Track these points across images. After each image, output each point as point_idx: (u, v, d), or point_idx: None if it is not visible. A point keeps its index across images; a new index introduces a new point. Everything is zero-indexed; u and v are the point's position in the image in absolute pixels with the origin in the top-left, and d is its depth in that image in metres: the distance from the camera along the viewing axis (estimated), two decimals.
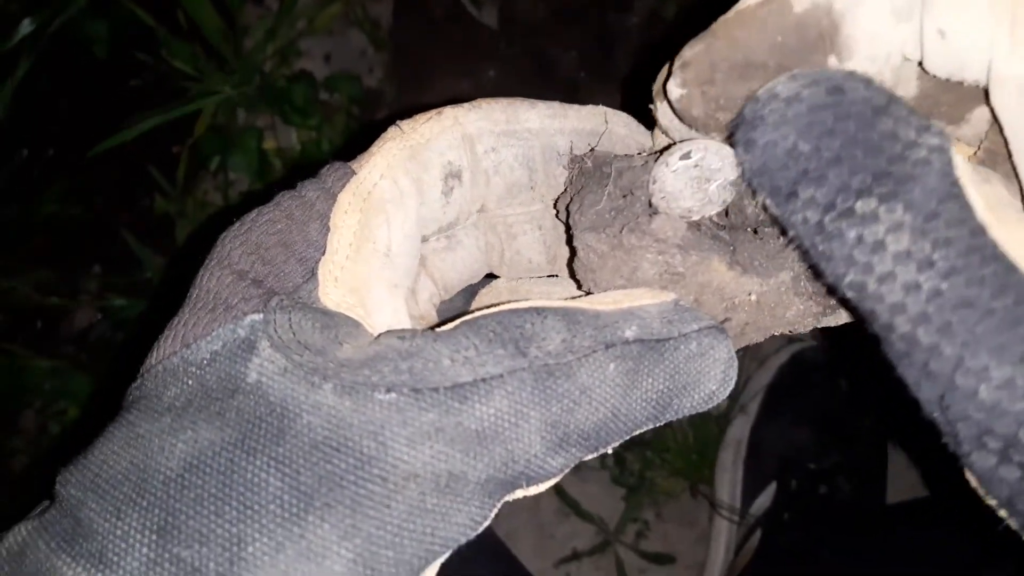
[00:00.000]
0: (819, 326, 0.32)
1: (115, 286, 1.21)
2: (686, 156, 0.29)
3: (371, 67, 1.33)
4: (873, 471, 1.32)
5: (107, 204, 1.22)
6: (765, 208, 0.31)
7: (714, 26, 0.28)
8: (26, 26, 1.11)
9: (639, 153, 0.33)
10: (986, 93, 0.26)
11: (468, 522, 0.27)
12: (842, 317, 0.32)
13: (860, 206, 0.24)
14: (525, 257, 0.37)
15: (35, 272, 1.20)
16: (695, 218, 0.30)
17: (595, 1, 1.40)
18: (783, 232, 0.28)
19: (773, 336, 0.33)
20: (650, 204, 0.31)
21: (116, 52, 1.21)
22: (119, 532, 0.25)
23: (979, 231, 0.23)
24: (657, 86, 0.32)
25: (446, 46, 1.36)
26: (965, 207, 0.23)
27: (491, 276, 0.38)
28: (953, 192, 0.23)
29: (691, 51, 0.29)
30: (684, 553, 1.33)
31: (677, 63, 0.29)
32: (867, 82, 0.26)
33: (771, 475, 1.26)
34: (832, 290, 0.26)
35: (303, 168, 1.25)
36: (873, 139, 0.24)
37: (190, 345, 0.28)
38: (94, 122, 1.20)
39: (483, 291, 0.38)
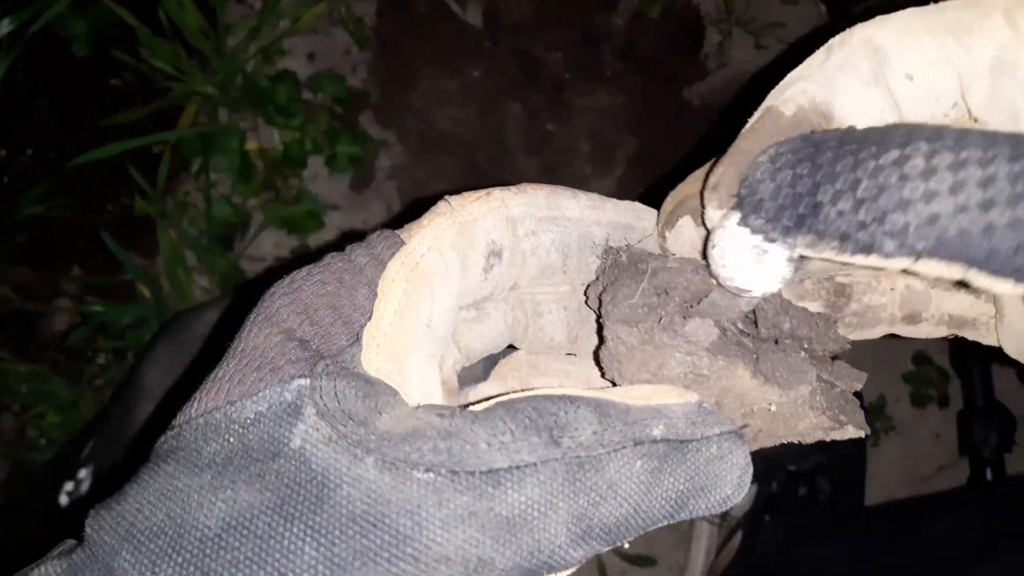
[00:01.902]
0: (826, 439, 0.34)
1: (94, 288, 1.21)
2: (741, 224, 0.30)
3: (355, 66, 1.34)
4: (852, 473, 1.35)
5: (87, 205, 1.22)
6: (791, 318, 0.34)
7: (730, 149, 0.31)
8: (5, 25, 1.10)
9: (672, 255, 0.35)
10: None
11: None
12: (848, 433, 0.34)
13: (896, 157, 0.25)
14: (547, 335, 0.38)
15: (14, 273, 1.20)
16: (756, 295, 0.31)
17: (580, 1, 1.42)
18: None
19: None
20: (689, 306, 0.32)
21: (96, 51, 1.20)
22: None
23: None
24: (665, 216, 0.35)
25: (431, 45, 1.36)
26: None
27: (511, 348, 0.40)
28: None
29: (716, 175, 0.31)
30: (665, 555, 1.36)
31: (708, 189, 0.31)
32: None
33: (752, 477, 1.27)
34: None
35: (281, 167, 1.26)
36: (860, 135, 0.27)
37: (235, 403, 0.28)
38: (74, 122, 1.20)
39: (503, 361, 0.39)
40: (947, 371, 1.51)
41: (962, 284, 0.26)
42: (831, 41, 0.31)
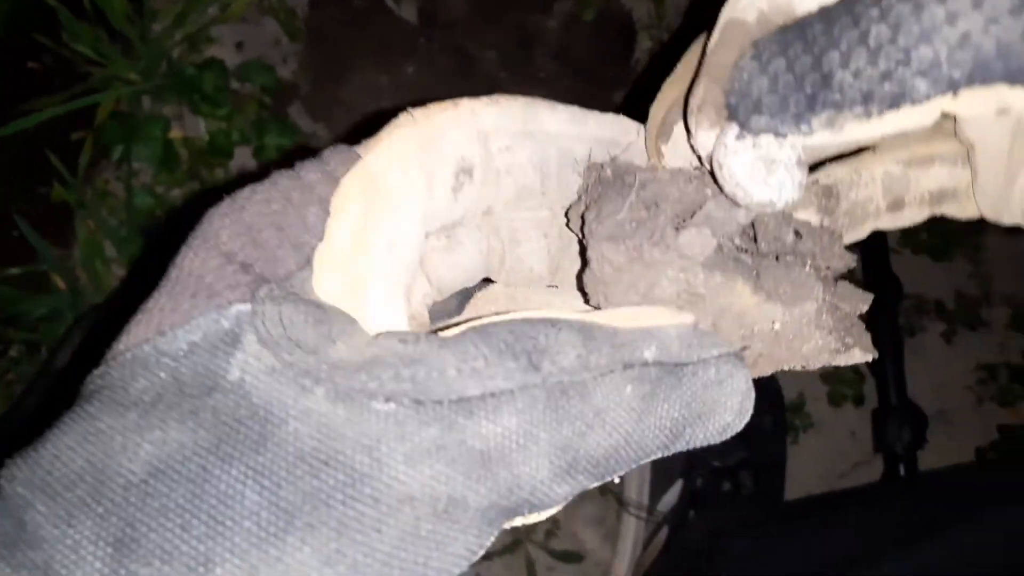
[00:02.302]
0: (831, 364, 0.31)
1: (8, 278, 1.16)
2: (740, 137, 0.27)
3: (285, 57, 1.30)
4: (774, 469, 1.39)
5: (1, 191, 1.17)
6: (798, 234, 0.31)
7: (703, 67, 0.29)
8: None
9: (660, 161, 0.32)
10: None
11: (464, 552, 0.25)
12: (855, 356, 0.31)
13: None
14: (527, 265, 0.35)
15: None
16: (777, 208, 0.28)
17: (514, 2, 1.42)
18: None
19: None
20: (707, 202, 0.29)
21: (14, 32, 1.15)
22: (69, 542, 0.22)
23: None
24: (656, 128, 0.32)
25: (364, 40, 1.34)
26: None
27: (487, 280, 0.36)
28: None
29: (697, 95, 0.29)
30: (593, 551, 1.36)
31: (692, 112, 0.29)
32: None
33: (677, 473, 1.31)
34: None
35: (207, 157, 1.24)
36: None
37: (165, 333, 0.25)
38: None
39: (479, 295, 0.36)
40: (863, 371, 1.57)
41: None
42: None
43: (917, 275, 1.62)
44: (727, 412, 0.28)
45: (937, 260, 1.65)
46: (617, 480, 0.29)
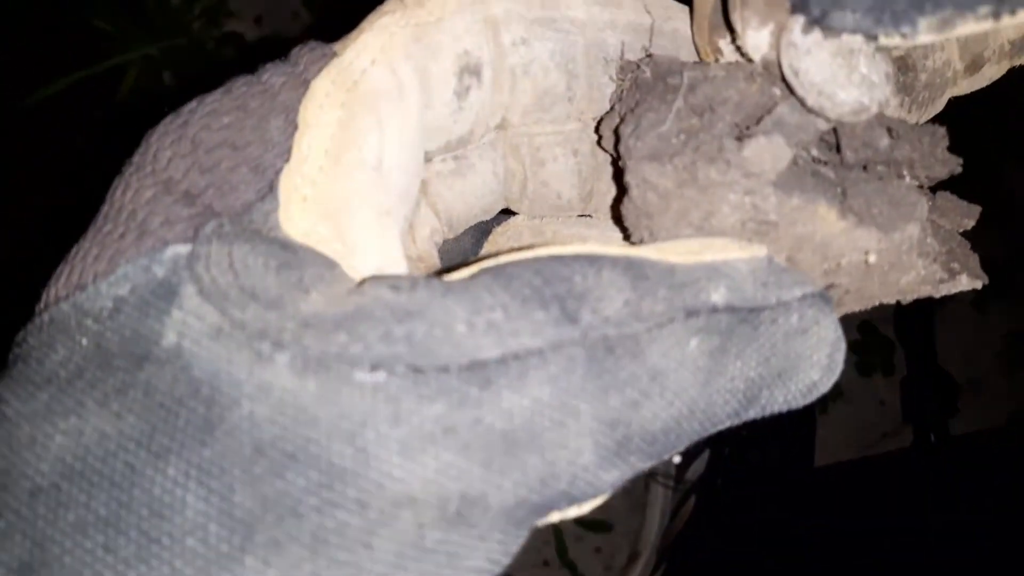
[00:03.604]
0: (935, 295, 0.25)
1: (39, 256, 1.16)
2: (809, 31, 0.21)
3: (305, 30, 1.30)
4: (802, 437, 1.38)
5: (29, 169, 1.17)
6: (892, 136, 0.24)
7: None
8: None
9: (716, 61, 0.25)
10: None
11: (486, 565, 0.19)
12: (961, 284, 0.25)
13: None
14: (553, 190, 0.28)
15: None
16: (872, 113, 0.22)
17: None
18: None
19: None
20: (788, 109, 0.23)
21: (39, 11, 1.16)
22: None
23: None
24: (708, 14, 0.26)
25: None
26: None
27: (507, 212, 0.30)
28: None
29: None
30: (621, 520, 1.35)
31: (736, 7, 0.23)
32: None
33: (705, 442, 1.31)
34: None
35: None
36: None
37: (86, 287, 0.19)
38: (15, 82, 1.15)
39: (498, 229, 0.30)
40: (891, 340, 1.55)
41: None
42: None
43: None
44: (813, 368, 0.22)
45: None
46: (678, 459, 0.21)
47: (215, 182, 0.21)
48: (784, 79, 0.23)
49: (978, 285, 0.25)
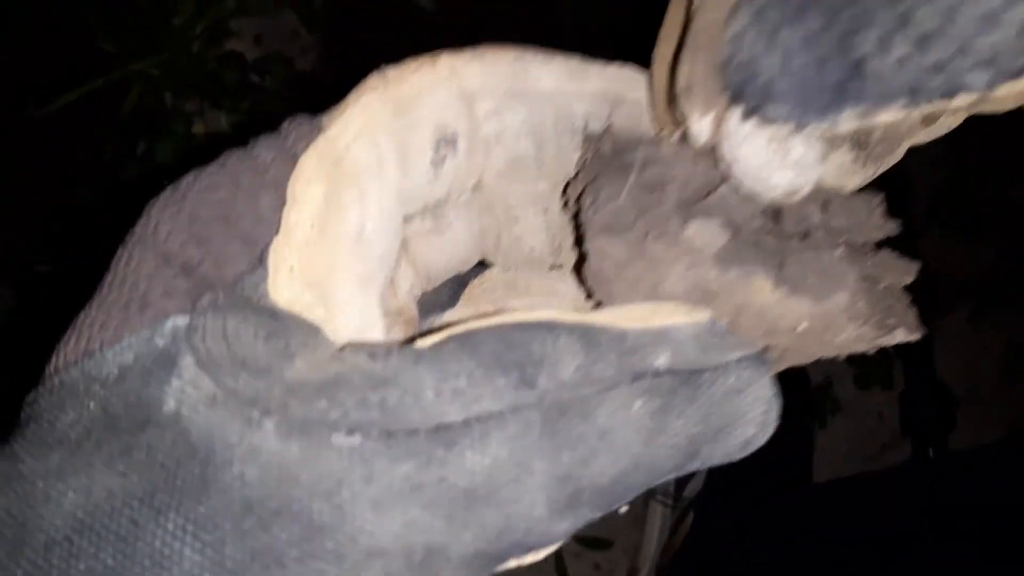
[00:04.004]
0: (870, 350, 0.27)
1: (39, 273, 1.17)
2: (749, 115, 0.23)
3: (304, 49, 1.31)
4: (800, 452, 1.39)
5: (29, 187, 1.18)
6: (824, 207, 0.26)
7: (689, 35, 0.25)
8: None
9: (671, 137, 0.27)
10: None
11: None
12: (898, 338, 0.27)
13: None
14: (526, 245, 0.30)
15: None
16: (805, 193, 0.25)
17: None
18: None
19: None
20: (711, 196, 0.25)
21: (42, 29, 1.17)
22: None
23: None
24: (663, 91, 0.27)
25: (382, 29, 1.34)
26: None
27: (483, 264, 0.32)
28: None
29: (683, 75, 0.25)
30: (620, 537, 1.35)
31: (680, 96, 0.25)
32: None
33: None
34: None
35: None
36: None
37: (94, 355, 0.21)
38: (17, 101, 1.16)
39: (474, 282, 0.32)
40: (890, 353, 1.56)
41: None
42: None
43: (944, 254, 1.61)
44: (750, 424, 0.24)
45: (964, 239, 1.63)
46: (624, 510, 0.24)
47: (210, 255, 0.23)
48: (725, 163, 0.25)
49: (914, 338, 0.27)
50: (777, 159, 0.23)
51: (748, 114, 0.23)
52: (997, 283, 1.64)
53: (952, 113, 0.31)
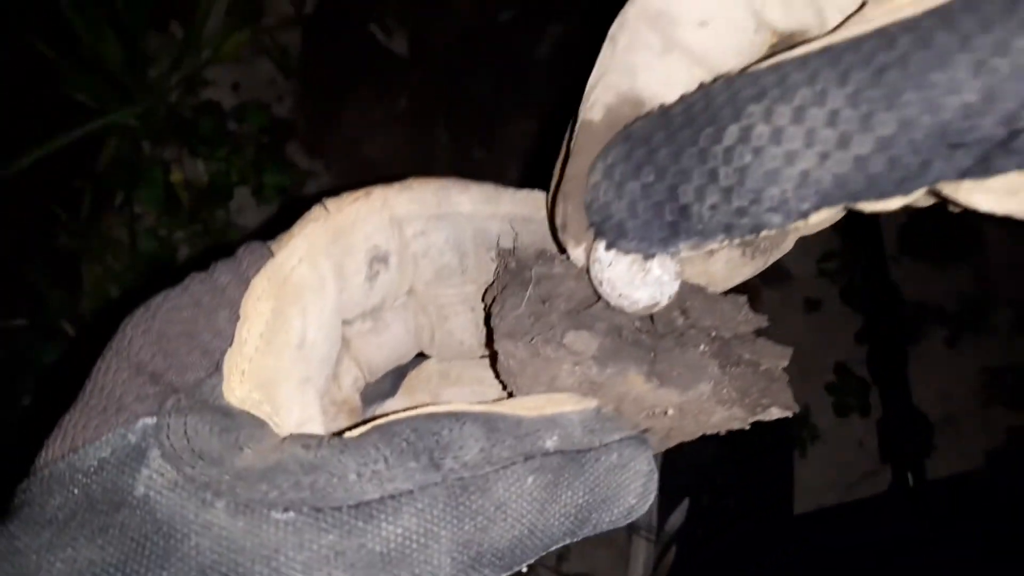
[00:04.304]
0: (745, 427, 0.32)
1: (18, 327, 1.18)
2: (610, 247, 0.28)
3: (280, 96, 1.32)
4: (780, 483, 1.40)
5: (7, 241, 1.19)
6: (684, 312, 0.31)
7: (561, 181, 0.30)
8: None
9: (562, 255, 0.32)
10: None
11: None
12: (773, 415, 0.31)
13: (737, 133, 0.24)
14: (457, 339, 0.35)
15: None
16: (663, 305, 0.29)
17: (505, 30, 1.44)
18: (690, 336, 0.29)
19: None
20: (581, 310, 0.30)
21: (14, 85, 1.18)
22: None
23: None
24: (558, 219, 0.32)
25: (357, 75, 1.36)
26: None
27: (421, 356, 0.36)
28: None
29: (559, 215, 0.30)
30: (604, 573, 1.37)
31: (559, 232, 0.30)
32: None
33: (684, 492, 1.32)
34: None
35: (207, 198, 1.26)
36: (682, 117, 0.25)
37: (78, 450, 0.26)
38: None
39: (412, 374, 0.36)
40: (867, 380, 1.57)
41: None
42: (610, 31, 0.29)
43: (918, 282, 1.63)
44: (630, 495, 0.28)
45: (937, 266, 1.66)
46: (525, 569, 0.27)
47: (175, 364, 0.27)
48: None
49: (789, 414, 0.32)
50: (638, 279, 0.28)
51: (608, 247, 0.28)
52: (971, 309, 1.66)
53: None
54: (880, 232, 1.49)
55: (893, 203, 0.24)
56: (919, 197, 0.24)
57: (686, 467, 1.33)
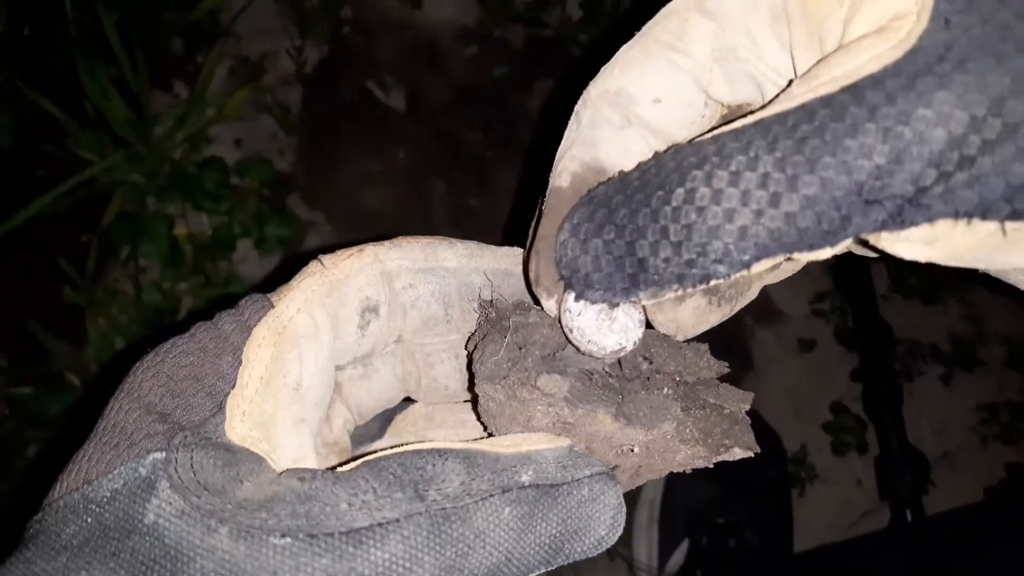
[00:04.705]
0: (713, 464, 0.34)
1: (21, 379, 1.20)
2: (578, 298, 0.30)
3: (282, 150, 1.36)
4: (780, 523, 1.40)
5: (13, 295, 1.22)
6: (649, 359, 0.34)
7: (534, 241, 0.33)
8: None
9: (537, 307, 0.35)
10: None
11: None
12: (736, 455, 0.34)
13: (683, 194, 0.26)
14: (442, 384, 0.38)
15: None
16: (628, 350, 0.32)
17: (497, 85, 1.48)
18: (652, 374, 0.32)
19: None
20: (553, 356, 0.32)
21: (21, 143, 1.21)
22: None
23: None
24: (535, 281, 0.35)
25: (356, 129, 1.40)
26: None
27: (409, 400, 0.39)
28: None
29: (532, 270, 0.33)
30: None
31: (533, 285, 0.33)
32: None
33: (683, 532, 1.32)
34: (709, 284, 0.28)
35: (210, 251, 1.29)
36: (638, 182, 0.28)
37: (92, 482, 0.28)
38: None
39: (399, 417, 0.39)
40: (863, 418, 1.58)
41: None
42: (575, 108, 0.33)
43: (910, 320, 1.64)
44: (600, 527, 0.30)
45: (928, 304, 1.67)
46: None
47: (182, 405, 0.30)
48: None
49: (750, 454, 0.34)
50: (605, 327, 0.31)
51: (577, 298, 0.30)
52: (965, 346, 1.67)
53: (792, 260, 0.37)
54: (869, 272, 1.51)
55: (823, 253, 0.26)
56: (847, 247, 0.27)
57: (686, 508, 1.34)
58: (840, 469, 1.57)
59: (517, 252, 0.37)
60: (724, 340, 1.51)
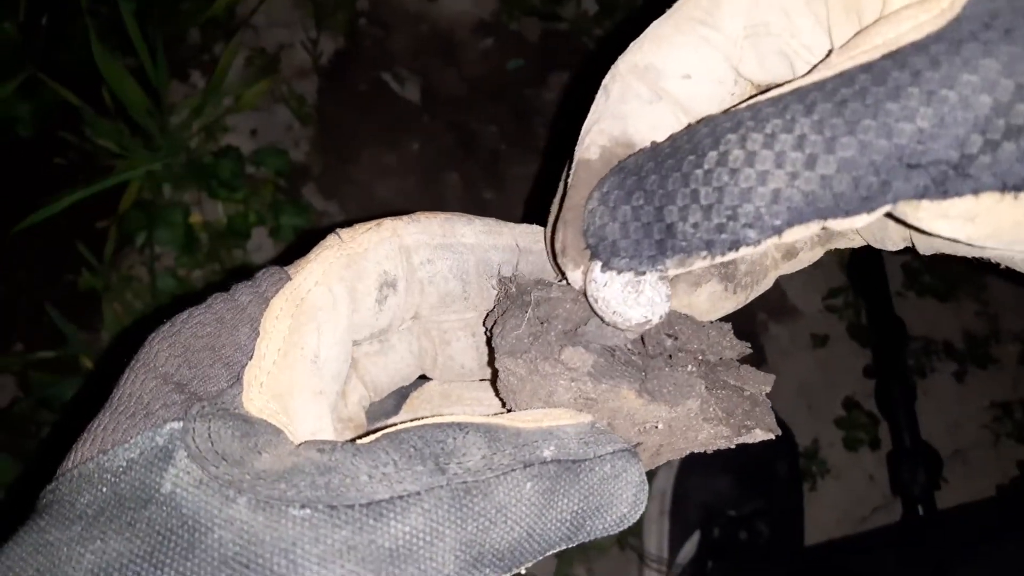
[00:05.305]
0: (735, 445, 0.33)
1: (38, 364, 1.20)
2: (605, 270, 0.30)
3: (297, 141, 1.36)
4: (791, 516, 1.39)
5: (31, 280, 1.22)
6: (674, 336, 0.33)
7: (562, 210, 0.32)
8: None
9: (559, 281, 0.34)
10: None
11: None
12: (756, 437, 0.33)
13: (716, 157, 0.26)
14: (458, 362, 0.37)
15: None
16: (654, 323, 0.31)
17: (512, 78, 1.48)
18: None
19: None
20: (583, 327, 0.32)
21: (40, 131, 1.22)
22: None
23: None
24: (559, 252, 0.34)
25: (370, 121, 1.40)
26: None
27: (424, 377, 0.38)
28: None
29: (560, 241, 0.32)
30: None
31: (559, 256, 0.32)
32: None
33: (695, 524, 1.31)
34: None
35: (225, 239, 1.29)
36: (669, 149, 0.28)
37: (107, 451, 0.27)
38: (17, 201, 1.21)
39: (414, 394, 0.38)
40: (876, 415, 1.57)
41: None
42: (603, 82, 0.32)
43: (924, 317, 1.63)
44: (623, 504, 0.30)
45: (943, 301, 1.66)
46: (523, 571, 0.29)
47: (199, 375, 0.29)
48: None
49: (771, 436, 0.33)
50: (631, 299, 0.30)
51: (604, 267, 0.30)
52: (979, 343, 1.66)
53: (811, 248, 0.38)
54: (884, 267, 1.50)
55: (859, 220, 0.26)
56: (881, 216, 0.26)
57: (697, 500, 1.33)
58: (852, 464, 1.55)
59: (536, 229, 0.36)
60: (737, 334, 1.50)
